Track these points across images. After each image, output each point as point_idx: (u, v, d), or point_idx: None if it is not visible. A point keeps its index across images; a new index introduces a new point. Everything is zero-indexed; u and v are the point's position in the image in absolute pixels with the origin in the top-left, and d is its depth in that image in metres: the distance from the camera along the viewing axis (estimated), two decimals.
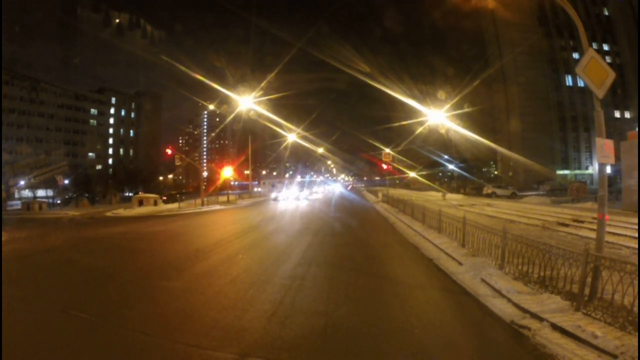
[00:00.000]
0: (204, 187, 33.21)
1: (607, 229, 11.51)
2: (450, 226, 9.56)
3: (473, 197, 36.03)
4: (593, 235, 10.10)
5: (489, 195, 35.42)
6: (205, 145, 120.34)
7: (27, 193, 52.76)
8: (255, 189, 59.42)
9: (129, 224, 17.95)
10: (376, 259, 8.31)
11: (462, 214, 9.12)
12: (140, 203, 29.85)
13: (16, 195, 49.90)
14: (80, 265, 8.49)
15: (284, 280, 6.14)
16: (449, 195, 36.02)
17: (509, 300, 5.05)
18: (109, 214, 25.73)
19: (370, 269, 7.24)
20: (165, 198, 36.35)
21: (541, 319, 4.40)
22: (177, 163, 36.53)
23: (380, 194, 35.20)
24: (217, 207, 28.96)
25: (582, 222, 12.93)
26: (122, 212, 26.10)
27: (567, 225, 12.41)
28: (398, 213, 18.24)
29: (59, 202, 45.91)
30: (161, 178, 73.55)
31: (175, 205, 28.78)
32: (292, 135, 42.36)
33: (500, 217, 15.38)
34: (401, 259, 8.23)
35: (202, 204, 29.38)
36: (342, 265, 7.48)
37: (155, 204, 30.14)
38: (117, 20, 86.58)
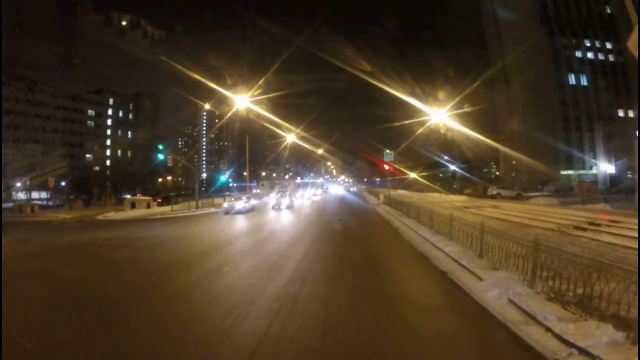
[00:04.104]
0: (199, 189, 32.24)
1: (621, 231, 10.57)
2: (462, 232, 8.57)
3: (477, 198, 35.08)
4: (616, 240, 9.18)
5: (493, 197, 34.54)
6: (204, 147, 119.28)
7: (22, 195, 51.87)
8: (254, 191, 58.50)
9: (116, 229, 17.03)
10: (381, 273, 7.22)
11: (473, 218, 8.14)
12: (133, 206, 28.98)
13: (12, 197, 48.95)
14: (51, 277, 7.61)
15: (271, 302, 5.12)
16: (451, 197, 35.09)
17: (548, 329, 4.09)
18: (99, 217, 24.92)
19: (375, 287, 6.16)
20: (159, 200, 35.52)
21: (592, 356, 3.48)
22: (169, 164, 35.59)
23: (381, 196, 34.22)
24: (212, 209, 27.94)
25: (599, 225, 11.99)
26: (113, 215, 25.23)
27: (584, 230, 11.43)
28: (401, 216, 17.27)
29: (51, 204, 45.12)
30: (160, 180, 72.60)
31: (167, 208, 27.86)
32: (292, 136, 41.53)
33: (511, 221, 14.36)
34: (410, 273, 7.16)
35: (197, 207, 28.40)
36: (342, 281, 6.48)
37: (148, 206, 29.24)
38: (117, 21, 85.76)
